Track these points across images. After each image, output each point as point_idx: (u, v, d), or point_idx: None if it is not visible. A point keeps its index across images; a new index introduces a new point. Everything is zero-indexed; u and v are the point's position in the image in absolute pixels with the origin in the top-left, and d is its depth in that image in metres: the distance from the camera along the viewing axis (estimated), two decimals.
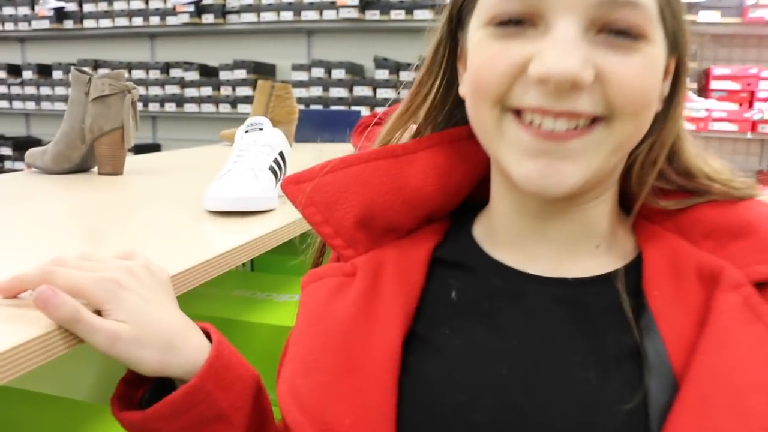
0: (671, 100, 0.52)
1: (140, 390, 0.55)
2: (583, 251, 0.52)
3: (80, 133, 1.20)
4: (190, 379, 0.51)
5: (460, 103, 0.55)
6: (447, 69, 0.56)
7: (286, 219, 0.89)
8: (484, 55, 0.48)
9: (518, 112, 0.47)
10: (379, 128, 1.78)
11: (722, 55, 3.24)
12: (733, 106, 3.02)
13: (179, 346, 0.51)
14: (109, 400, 0.54)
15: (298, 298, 1.07)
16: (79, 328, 0.48)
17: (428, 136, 0.58)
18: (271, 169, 0.97)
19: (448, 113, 0.58)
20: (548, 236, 0.52)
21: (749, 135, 3.01)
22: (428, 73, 0.57)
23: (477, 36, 0.49)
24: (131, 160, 1.30)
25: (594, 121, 0.46)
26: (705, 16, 2.99)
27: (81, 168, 1.24)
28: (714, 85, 3.06)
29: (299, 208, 0.55)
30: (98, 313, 0.50)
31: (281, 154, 1.01)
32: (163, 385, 0.54)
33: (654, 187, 0.53)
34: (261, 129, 1.00)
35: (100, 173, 1.23)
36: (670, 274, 0.48)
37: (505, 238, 0.54)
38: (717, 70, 3.06)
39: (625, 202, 0.55)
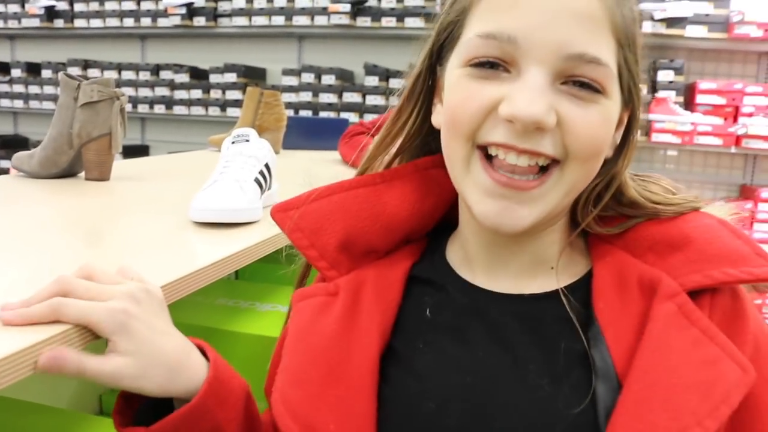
0: (621, 148, 0.57)
1: (137, 402, 0.57)
2: (539, 272, 0.57)
3: (68, 139, 1.20)
4: (191, 399, 0.54)
5: (433, 131, 0.60)
6: (425, 101, 0.61)
7: (270, 231, 0.90)
8: (462, 94, 0.52)
9: (487, 154, 0.52)
10: (362, 138, 1.79)
11: (708, 69, 3.29)
12: (718, 121, 3.05)
13: (181, 371, 0.54)
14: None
15: (280, 308, 1.09)
16: (86, 376, 0.50)
17: (403, 165, 0.63)
18: (257, 180, 0.98)
19: (422, 141, 0.63)
20: (507, 261, 0.58)
21: (733, 149, 3.04)
22: (407, 102, 0.61)
23: (455, 75, 0.54)
24: (118, 165, 1.31)
25: (549, 165, 0.51)
26: (692, 31, 3.03)
27: (68, 173, 1.24)
28: (700, 99, 3.10)
29: (287, 233, 0.60)
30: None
31: (267, 166, 1.02)
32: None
33: (596, 216, 0.57)
34: (247, 140, 1.02)
35: (86, 179, 1.23)
36: (615, 287, 0.53)
37: (471, 259, 0.59)
38: (703, 85, 3.09)
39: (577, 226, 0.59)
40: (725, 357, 0.47)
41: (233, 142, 1.02)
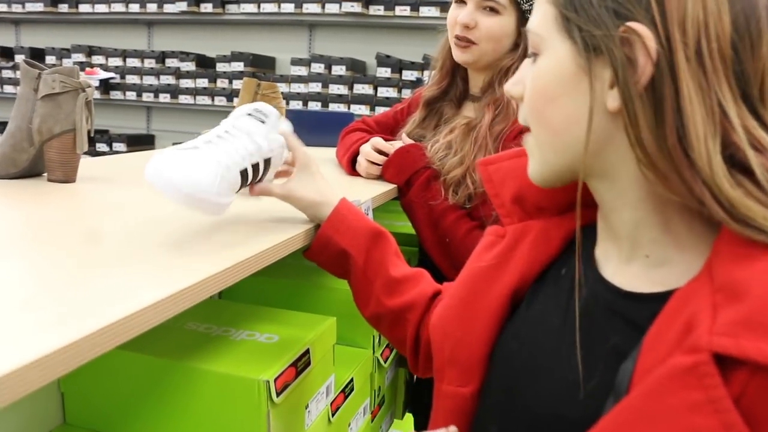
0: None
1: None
2: (634, 258, 0.56)
3: (28, 135, 1.06)
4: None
5: None
6: None
7: (259, 246, 0.76)
8: None
9: None
10: (355, 136, 1.60)
11: None
12: None
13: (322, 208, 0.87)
14: None
15: (258, 337, 0.93)
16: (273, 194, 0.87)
17: None
18: (244, 172, 0.81)
19: None
20: (615, 232, 0.58)
21: None
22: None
23: None
24: (86, 164, 1.17)
25: None
26: None
27: (30, 173, 1.11)
28: None
29: (483, 182, 0.71)
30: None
31: (267, 162, 0.85)
32: None
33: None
34: (263, 122, 0.85)
35: (49, 180, 1.09)
36: (676, 312, 0.49)
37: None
38: None
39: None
40: None
41: (249, 114, 0.85)
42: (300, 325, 0.93)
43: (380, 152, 1.36)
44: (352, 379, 1.05)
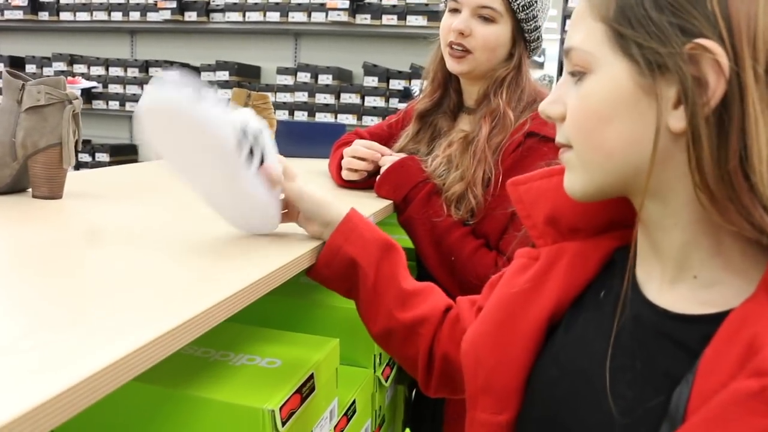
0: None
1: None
2: (679, 280, 0.54)
3: (11, 149, 1.01)
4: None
5: None
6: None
7: (267, 267, 0.71)
8: None
9: None
10: (342, 148, 1.56)
11: None
12: None
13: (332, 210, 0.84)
14: None
15: (259, 361, 0.89)
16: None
17: None
18: (251, 150, 0.77)
19: None
20: (657, 251, 0.56)
21: None
22: None
23: None
24: (72, 178, 1.12)
25: None
26: None
27: (13, 189, 1.06)
28: None
29: (513, 203, 0.69)
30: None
31: (263, 156, 0.81)
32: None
33: None
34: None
35: (34, 196, 1.04)
36: (733, 335, 0.47)
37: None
38: None
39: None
40: None
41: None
42: (302, 348, 0.89)
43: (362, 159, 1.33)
44: (354, 401, 1.01)
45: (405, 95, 3.39)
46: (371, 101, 3.50)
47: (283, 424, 0.73)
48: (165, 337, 0.52)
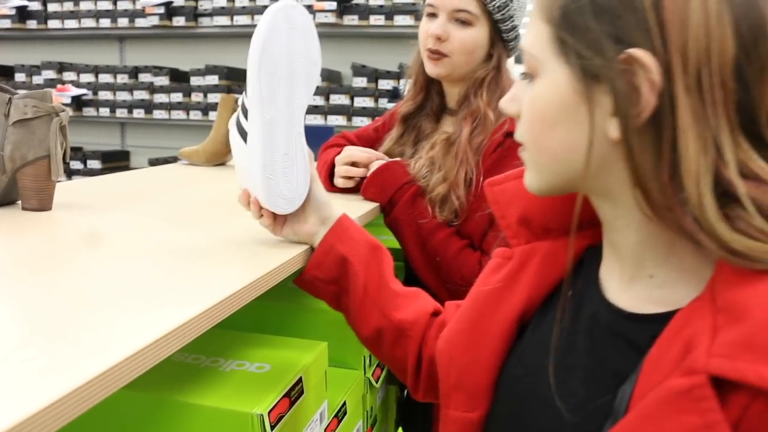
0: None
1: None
2: (637, 279, 0.54)
3: None
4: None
5: None
6: None
7: (256, 272, 0.73)
8: None
9: None
10: (333, 151, 1.58)
11: None
12: None
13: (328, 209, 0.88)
14: None
15: (248, 367, 0.90)
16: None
17: None
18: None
19: None
20: (616, 248, 0.56)
21: None
22: None
23: None
24: (62, 189, 1.13)
25: None
26: None
27: (2, 201, 1.07)
28: None
29: (489, 204, 0.70)
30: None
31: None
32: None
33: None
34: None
35: (24, 208, 1.05)
36: (676, 333, 0.47)
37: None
38: None
39: None
40: None
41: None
42: (291, 352, 0.90)
43: (355, 164, 1.34)
44: (344, 403, 1.02)
45: (394, 95, 3.40)
46: (361, 101, 3.51)
47: (272, 428, 0.75)
48: (154, 345, 0.54)
